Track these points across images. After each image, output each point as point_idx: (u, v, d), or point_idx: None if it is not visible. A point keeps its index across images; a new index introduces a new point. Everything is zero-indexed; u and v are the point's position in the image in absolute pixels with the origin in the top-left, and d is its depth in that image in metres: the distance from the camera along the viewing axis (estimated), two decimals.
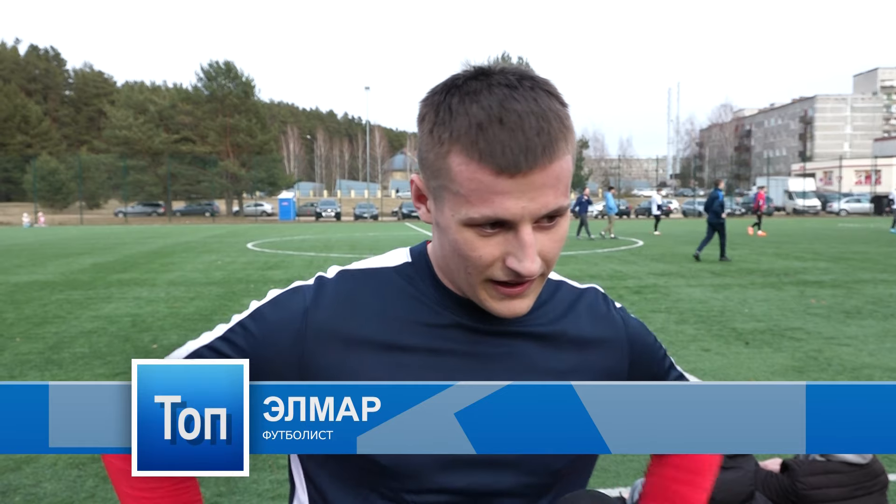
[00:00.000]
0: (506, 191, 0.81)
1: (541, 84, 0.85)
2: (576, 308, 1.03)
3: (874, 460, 2.67)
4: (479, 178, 0.81)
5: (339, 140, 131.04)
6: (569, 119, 0.85)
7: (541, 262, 0.86)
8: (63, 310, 10.13)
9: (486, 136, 0.80)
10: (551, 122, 0.82)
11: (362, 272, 1.00)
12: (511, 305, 0.89)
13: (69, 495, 3.92)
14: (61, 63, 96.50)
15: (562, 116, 0.84)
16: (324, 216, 53.27)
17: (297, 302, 0.96)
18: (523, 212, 0.82)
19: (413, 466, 0.91)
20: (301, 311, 0.95)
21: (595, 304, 1.05)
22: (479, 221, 0.83)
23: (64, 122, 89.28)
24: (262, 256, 19.23)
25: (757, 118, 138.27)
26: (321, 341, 0.93)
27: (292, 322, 0.94)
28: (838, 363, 6.70)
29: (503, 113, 0.80)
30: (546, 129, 0.81)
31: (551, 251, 0.87)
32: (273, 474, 4.14)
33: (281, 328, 0.94)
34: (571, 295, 1.05)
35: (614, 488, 3.89)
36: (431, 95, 0.88)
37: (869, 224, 36.66)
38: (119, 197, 64.30)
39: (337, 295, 0.96)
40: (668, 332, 8.11)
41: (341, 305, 0.95)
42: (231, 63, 63.54)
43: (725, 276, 13.43)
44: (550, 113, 0.82)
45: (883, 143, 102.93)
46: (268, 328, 0.95)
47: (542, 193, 0.82)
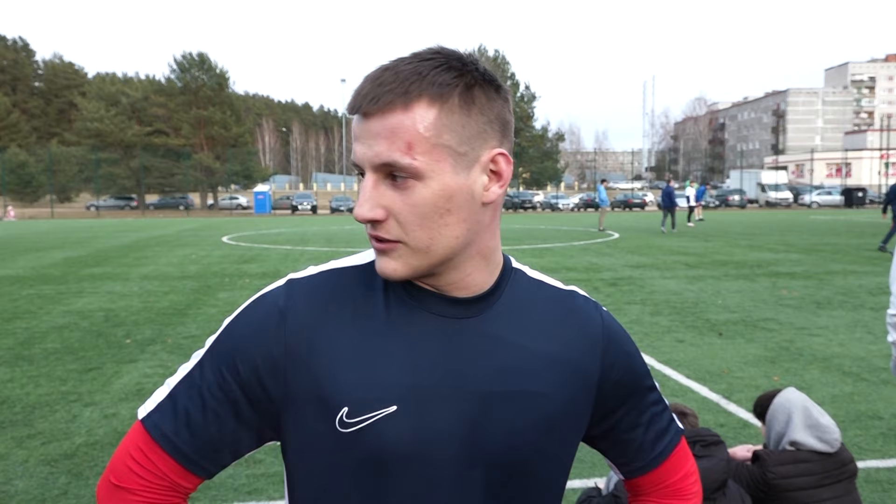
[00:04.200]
0: (356, 134, 0.88)
1: (449, 60, 0.88)
2: (552, 307, 1.02)
3: (843, 449, 2.72)
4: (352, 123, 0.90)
5: (315, 133, 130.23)
6: (446, 88, 0.86)
7: (393, 223, 0.88)
8: (34, 305, 9.98)
9: (357, 86, 0.89)
10: (405, 80, 0.85)
11: (337, 270, 0.99)
12: (380, 262, 0.92)
13: (41, 493, 3.86)
14: (30, 54, 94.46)
15: (430, 82, 0.85)
16: (300, 209, 52.86)
17: (268, 304, 0.95)
18: (362, 157, 0.87)
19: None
20: (276, 311, 0.94)
21: (574, 305, 1.04)
22: (352, 166, 0.91)
23: (33, 113, 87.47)
24: (237, 250, 19.07)
25: (730, 111, 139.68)
26: (299, 343, 0.92)
27: (267, 325, 0.93)
28: (809, 353, 6.81)
29: (379, 69, 0.88)
30: (392, 85, 0.85)
31: (402, 213, 0.88)
32: (249, 469, 4.12)
33: (258, 333, 0.93)
34: (551, 294, 1.04)
35: (590, 478, 3.93)
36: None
37: (839, 216, 37.25)
38: (91, 190, 63.35)
39: (310, 298, 0.95)
40: (643, 324, 8.18)
41: (319, 303, 0.95)
42: (205, 55, 62.70)
43: (699, 268, 13.58)
44: (415, 76, 0.85)
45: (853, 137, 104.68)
46: (244, 336, 0.94)
47: (376, 142, 0.86)
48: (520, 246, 19.33)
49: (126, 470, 0.94)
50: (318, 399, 0.91)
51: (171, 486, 0.95)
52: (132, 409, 5.28)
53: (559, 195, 59.20)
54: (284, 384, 0.92)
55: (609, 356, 1.02)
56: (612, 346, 1.03)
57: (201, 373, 0.95)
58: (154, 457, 0.94)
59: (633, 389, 1.06)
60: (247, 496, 3.82)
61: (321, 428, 0.92)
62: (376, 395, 0.91)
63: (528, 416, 0.95)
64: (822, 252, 16.53)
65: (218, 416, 0.94)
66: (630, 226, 29.63)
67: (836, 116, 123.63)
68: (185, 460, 0.94)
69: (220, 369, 0.94)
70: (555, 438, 0.98)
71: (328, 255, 16.79)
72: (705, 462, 2.49)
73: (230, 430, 0.95)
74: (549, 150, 64.10)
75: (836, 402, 5.27)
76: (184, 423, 0.93)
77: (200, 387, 0.94)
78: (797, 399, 2.77)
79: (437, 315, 0.95)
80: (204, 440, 0.94)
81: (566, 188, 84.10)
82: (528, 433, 0.95)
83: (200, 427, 0.93)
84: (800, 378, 5.94)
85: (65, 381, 6.03)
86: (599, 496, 2.71)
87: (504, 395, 0.94)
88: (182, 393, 0.95)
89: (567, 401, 0.98)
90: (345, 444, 0.91)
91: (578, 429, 1.03)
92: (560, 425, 0.98)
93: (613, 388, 1.03)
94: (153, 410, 0.95)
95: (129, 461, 0.94)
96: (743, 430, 4.72)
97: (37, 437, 4.72)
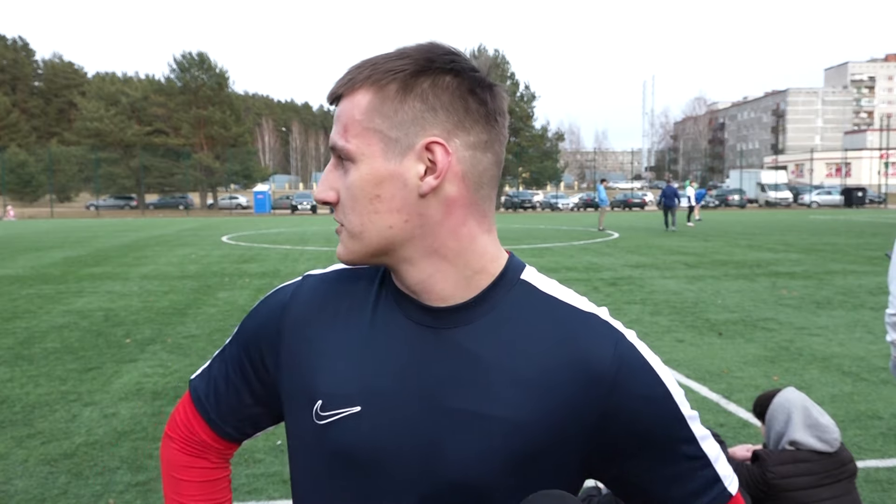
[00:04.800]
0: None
1: (419, 51, 0.87)
2: (556, 330, 0.90)
3: (842, 448, 2.72)
4: None
5: (315, 132, 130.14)
6: (387, 74, 0.86)
7: (332, 194, 0.90)
8: (34, 304, 9.97)
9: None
10: (355, 69, 0.89)
11: (336, 272, 1.02)
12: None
13: (41, 492, 3.86)
14: (30, 53, 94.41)
15: (375, 69, 0.86)
16: (299, 209, 52.81)
17: (279, 298, 1.04)
18: (331, 141, 0.91)
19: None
20: (280, 305, 1.02)
21: (584, 333, 0.90)
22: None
23: (33, 113, 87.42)
24: (237, 250, 19.07)
25: (730, 111, 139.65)
26: (294, 335, 0.99)
27: (273, 315, 1.02)
28: (809, 353, 6.82)
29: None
30: (345, 75, 0.89)
31: (342, 196, 0.90)
32: (249, 468, 4.12)
33: (266, 321, 1.03)
34: (562, 314, 0.91)
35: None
36: None
37: (839, 216, 37.24)
38: (90, 190, 63.28)
39: (313, 294, 1.00)
40: (643, 324, 8.19)
41: (318, 300, 0.99)
42: (204, 54, 62.63)
43: (699, 268, 13.58)
44: (368, 66, 0.88)
45: (853, 136, 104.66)
46: (257, 321, 1.04)
47: (333, 127, 0.91)
48: (519, 246, 19.32)
49: (173, 421, 1.12)
50: (302, 390, 0.96)
51: (201, 442, 1.09)
52: (132, 408, 5.28)
53: (559, 195, 59.22)
54: (279, 370, 1.00)
55: (616, 397, 0.87)
56: (624, 386, 0.87)
57: (229, 348, 1.07)
58: (191, 414, 1.10)
59: (654, 440, 0.90)
60: (247, 496, 3.82)
61: (304, 416, 0.95)
62: (345, 392, 0.92)
63: (494, 442, 0.86)
64: (822, 252, 16.53)
65: (237, 389, 1.05)
66: (630, 225, 29.63)
67: (835, 116, 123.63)
68: (211, 422, 1.08)
69: (240, 348, 1.05)
70: (526, 473, 0.88)
71: (328, 255, 16.79)
72: None
73: (247, 404, 1.06)
74: (549, 150, 64.02)
75: (835, 402, 5.27)
76: (213, 390, 1.07)
77: (227, 360, 1.07)
78: (796, 399, 2.77)
79: (415, 323, 0.92)
80: (227, 407, 1.06)
81: (566, 188, 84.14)
82: (492, 461, 0.86)
83: (224, 396, 1.06)
84: (799, 378, 5.95)
85: (64, 381, 6.03)
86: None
87: (470, 416, 0.87)
88: (217, 363, 1.09)
89: (547, 434, 0.87)
90: (319, 437, 0.93)
91: (565, 468, 0.91)
92: (535, 459, 0.88)
93: (623, 435, 0.89)
94: (198, 374, 1.11)
95: (177, 414, 1.12)
96: (743, 429, 4.72)
97: (36, 436, 4.72)
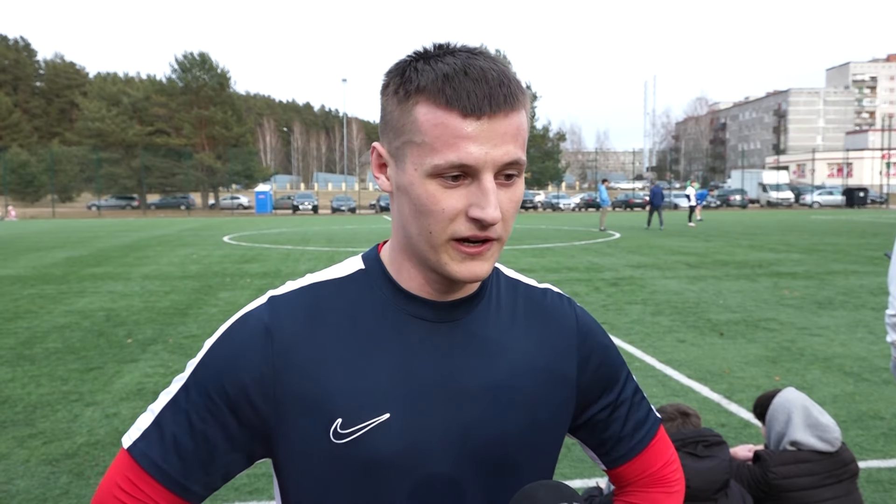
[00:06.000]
0: (470, 135, 0.84)
1: (495, 57, 0.92)
2: (528, 306, 1.06)
3: (844, 448, 2.72)
4: (444, 123, 0.85)
5: (317, 132, 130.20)
6: (522, 84, 0.91)
7: (501, 215, 0.89)
8: (35, 304, 9.98)
9: (453, 84, 0.85)
10: (510, 77, 0.88)
11: (318, 284, 0.99)
12: (471, 267, 0.90)
13: (42, 492, 3.87)
14: (31, 54, 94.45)
15: (518, 78, 0.90)
16: (301, 209, 52.83)
17: (253, 322, 0.94)
18: (486, 157, 0.85)
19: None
20: (260, 331, 0.92)
21: (547, 303, 1.08)
22: (443, 168, 0.85)
23: (35, 113, 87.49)
24: (238, 250, 19.08)
25: (732, 111, 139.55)
26: (289, 359, 0.92)
27: (252, 344, 0.92)
28: (810, 353, 6.81)
29: (467, 67, 0.86)
30: (506, 82, 0.87)
31: (508, 210, 0.90)
32: (250, 469, 4.11)
33: (244, 353, 0.92)
34: (527, 292, 1.08)
35: (591, 478, 3.92)
36: (396, 65, 0.92)
37: (841, 216, 37.21)
38: (92, 190, 63.32)
39: (293, 312, 0.95)
40: (644, 324, 8.18)
41: (304, 318, 0.94)
42: (206, 54, 62.65)
43: (700, 268, 13.57)
44: (508, 72, 0.89)
45: (854, 137, 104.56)
46: (228, 357, 0.92)
47: (503, 141, 0.86)
48: (521, 246, 19.32)
49: (114, 500, 0.92)
50: (310, 412, 0.91)
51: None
52: (133, 408, 5.28)
53: (560, 195, 59.16)
54: (275, 401, 0.91)
55: (585, 349, 1.06)
56: (587, 339, 1.07)
57: (187, 396, 0.92)
58: (143, 485, 0.91)
59: (611, 380, 1.10)
60: (247, 496, 3.82)
61: (316, 440, 0.91)
62: (369, 404, 0.91)
63: (516, 411, 0.98)
64: (824, 252, 16.52)
65: (207, 439, 0.92)
66: (631, 225, 29.61)
67: (837, 116, 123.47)
68: (175, 486, 0.92)
69: (208, 391, 0.92)
70: (541, 432, 1.01)
71: (329, 255, 16.80)
72: (708, 462, 2.48)
73: (221, 452, 0.93)
74: (551, 150, 64.10)
75: (837, 403, 5.26)
76: (172, 449, 0.91)
77: (188, 410, 0.92)
78: (797, 399, 2.77)
79: (427, 320, 0.97)
80: (194, 464, 0.92)
81: (567, 188, 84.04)
82: (517, 428, 0.98)
83: (190, 451, 0.92)
84: (801, 378, 5.94)
85: (66, 381, 6.03)
86: (601, 496, 2.71)
87: (492, 392, 0.97)
88: (168, 418, 0.92)
89: (549, 395, 1.02)
90: (340, 455, 0.91)
91: (563, 422, 1.06)
92: (545, 419, 1.01)
93: (591, 380, 1.07)
94: (139, 438, 0.93)
95: (118, 491, 0.92)
96: (744, 430, 4.72)
97: (38, 436, 4.72)
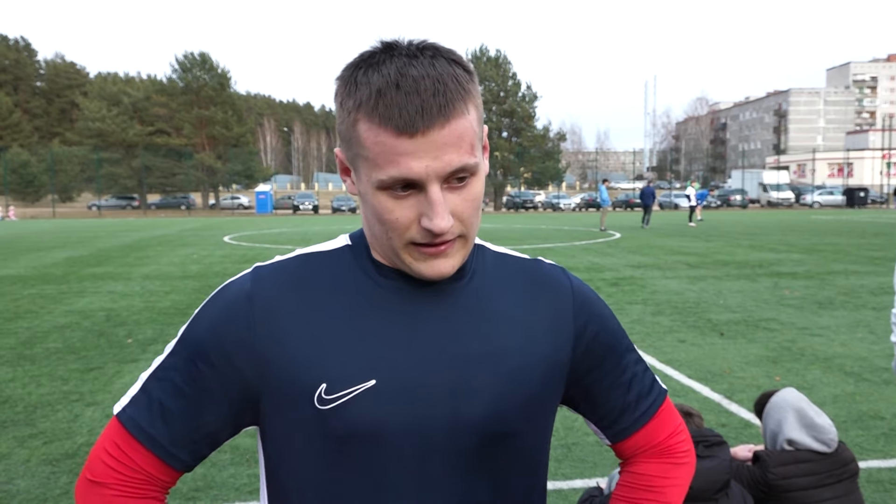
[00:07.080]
0: (408, 151, 0.85)
1: (442, 52, 0.89)
2: (519, 276, 1.05)
3: (844, 448, 2.72)
4: (382, 141, 0.86)
5: (317, 132, 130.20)
6: (470, 83, 0.89)
7: (454, 222, 0.90)
8: (35, 304, 9.99)
9: (385, 101, 0.85)
10: (447, 83, 0.86)
11: (304, 256, 1.01)
12: (434, 265, 0.92)
13: (42, 492, 3.87)
14: (32, 54, 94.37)
15: (461, 80, 0.88)
16: (301, 209, 52.85)
17: (235, 290, 0.96)
18: (427, 171, 0.86)
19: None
20: (243, 299, 0.94)
21: (540, 272, 1.07)
22: (388, 184, 0.87)
23: (35, 113, 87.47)
24: (238, 250, 19.08)
25: (732, 111, 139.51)
26: (271, 325, 0.93)
27: (235, 311, 0.93)
28: (811, 353, 6.81)
29: (400, 79, 0.85)
30: (441, 91, 0.85)
31: (464, 210, 0.90)
32: (250, 468, 4.12)
33: (227, 320, 0.93)
34: (517, 263, 1.07)
35: (591, 478, 3.92)
36: (343, 72, 0.92)
37: (841, 216, 37.20)
38: (92, 190, 63.35)
39: (278, 281, 0.96)
40: (645, 324, 8.18)
41: (288, 286, 0.96)
42: (206, 54, 62.67)
43: (701, 268, 13.57)
44: (447, 76, 0.87)
45: (855, 137, 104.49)
46: (212, 324, 0.94)
47: (444, 152, 0.86)
48: (521, 245, 19.32)
49: (101, 465, 0.94)
50: (294, 378, 0.92)
51: (146, 480, 0.95)
52: None
53: (560, 195, 59.21)
54: (258, 366, 0.92)
55: (581, 316, 1.05)
56: (584, 307, 1.06)
57: (174, 363, 0.95)
58: (129, 450, 0.94)
59: (610, 349, 1.07)
60: (248, 496, 3.82)
61: (300, 407, 0.92)
62: (354, 370, 0.91)
63: (508, 378, 0.97)
64: (824, 252, 16.51)
65: (193, 404, 0.93)
66: (631, 226, 29.61)
67: (837, 116, 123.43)
68: (161, 452, 0.94)
69: (193, 359, 0.93)
70: (534, 400, 0.99)
71: None
72: (708, 462, 2.48)
73: (206, 420, 0.94)
74: (551, 150, 63.97)
75: (837, 403, 5.26)
76: (158, 415, 0.93)
77: (174, 378, 0.94)
78: (793, 398, 2.76)
79: (408, 290, 0.97)
80: (180, 430, 0.94)
81: (567, 188, 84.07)
82: (510, 396, 0.97)
83: (175, 417, 0.93)
84: (801, 378, 5.94)
85: (66, 381, 6.04)
86: (601, 496, 2.71)
87: (483, 358, 0.96)
88: (155, 385, 0.95)
89: (543, 363, 1.00)
90: (326, 422, 0.91)
91: (556, 391, 1.04)
92: (538, 387, 1.00)
93: (589, 348, 1.05)
94: (127, 404, 0.95)
95: (104, 455, 0.94)
96: (744, 430, 4.72)
97: (38, 436, 4.72)
